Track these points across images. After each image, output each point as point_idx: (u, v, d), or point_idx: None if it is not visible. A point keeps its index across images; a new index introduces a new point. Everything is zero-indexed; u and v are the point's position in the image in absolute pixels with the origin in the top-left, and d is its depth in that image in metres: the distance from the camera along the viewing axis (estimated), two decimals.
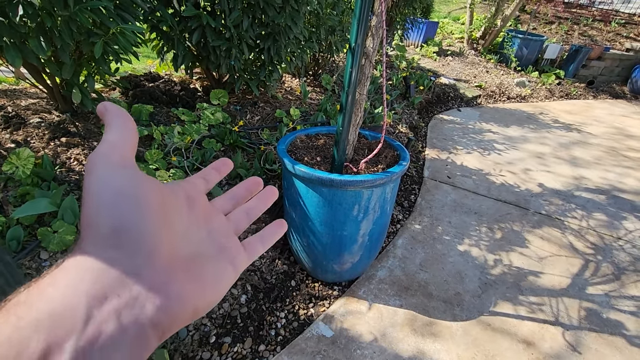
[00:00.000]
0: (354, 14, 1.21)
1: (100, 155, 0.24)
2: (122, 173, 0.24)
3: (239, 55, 2.23)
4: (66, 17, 1.40)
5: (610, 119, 5.20)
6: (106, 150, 0.24)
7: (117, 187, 0.23)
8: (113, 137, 0.25)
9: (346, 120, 1.41)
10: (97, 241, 0.21)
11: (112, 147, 0.25)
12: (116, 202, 0.22)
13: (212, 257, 0.27)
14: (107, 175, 0.23)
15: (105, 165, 0.23)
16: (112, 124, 0.26)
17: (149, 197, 0.24)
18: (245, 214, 0.34)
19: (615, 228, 2.59)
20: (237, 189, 0.36)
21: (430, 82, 4.56)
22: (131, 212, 0.22)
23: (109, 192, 0.22)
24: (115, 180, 0.23)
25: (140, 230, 0.22)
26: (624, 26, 7.88)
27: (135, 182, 0.24)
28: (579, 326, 1.76)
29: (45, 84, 1.86)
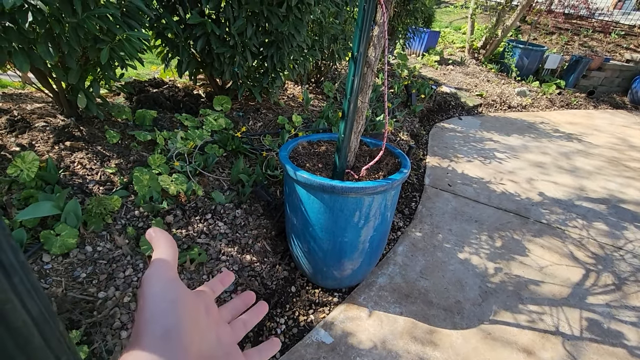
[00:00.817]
0: (356, 24, 1.23)
1: (156, 272, 0.31)
2: (174, 286, 0.31)
3: (243, 63, 2.26)
4: (74, 23, 1.43)
5: (611, 129, 5.22)
6: (161, 268, 0.32)
7: (172, 298, 0.29)
8: (163, 256, 0.33)
9: (348, 128, 1.42)
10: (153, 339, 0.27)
11: (165, 264, 0.32)
12: (171, 309, 0.29)
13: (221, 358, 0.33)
14: (164, 288, 0.30)
15: (162, 280, 0.31)
16: (160, 245, 0.34)
17: (188, 305, 0.30)
18: (243, 325, 0.41)
19: (616, 238, 2.59)
20: (235, 302, 0.44)
21: (432, 91, 4.60)
22: (179, 317, 0.29)
23: (166, 301, 0.29)
24: (170, 292, 0.30)
25: (183, 329, 0.28)
26: (624, 37, 7.94)
27: (182, 294, 0.31)
28: (580, 336, 1.76)
29: (51, 88, 1.89)
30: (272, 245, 1.92)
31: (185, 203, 1.81)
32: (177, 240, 1.65)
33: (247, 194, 1.94)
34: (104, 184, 1.71)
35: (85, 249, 1.45)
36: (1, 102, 2.07)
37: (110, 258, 1.46)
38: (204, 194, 1.89)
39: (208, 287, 0.40)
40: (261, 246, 1.84)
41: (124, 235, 1.56)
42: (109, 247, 1.49)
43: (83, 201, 1.58)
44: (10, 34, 1.33)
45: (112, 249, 1.50)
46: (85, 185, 1.66)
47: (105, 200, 1.55)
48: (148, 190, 1.70)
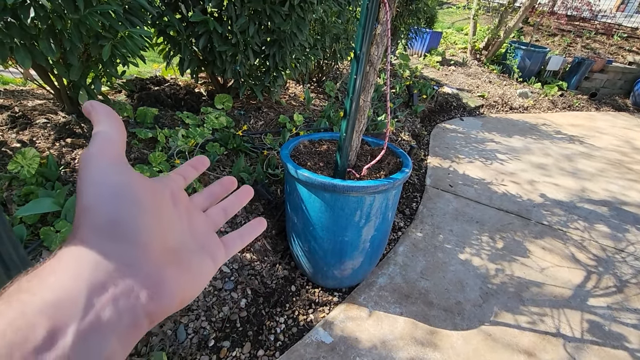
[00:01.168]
0: (359, 23, 1.23)
1: (96, 151, 0.25)
2: (118, 169, 0.25)
3: (245, 61, 2.25)
4: (76, 20, 1.43)
5: (613, 131, 5.20)
6: (100, 147, 0.26)
7: (115, 183, 0.24)
8: (105, 135, 0.27)
9: (350, 127, 1.42)
10: (94, 231, 0.22)
11: (105, 144, 0.26)
12: (114, 196, 0.23)
13: (195, 252, 0.29)
14: (104, 171, 0.24)
15: (102, 161, 0.25)
16: (101, 122, 0.27)
17: (142, 192, 0.25)
18: (222, 211, 0.36)
19: (618, 240, 2.58)
20: (213, 187, 0.37)
21: (433, 91, 4.59)
22: (127, 207, 0.24)
23: (108, 186, 0.24)
24: (112, 176, 0.24)
25: (135, 223, 0.24)
26: (626, 40, 7.93)
27: (130, 178, 0.25)
28: (581, 338, 1.75)
29: (52, 85, 1.88)
30: (272, 244, 1.91)
31: None
32: None
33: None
34: None
35: None
36: (2, 99, 2.07)
37: None
38: None
39: (177, 173, 0.34)
40: (261, 245, 1.84)
41: None
42: None
43: None
44: (12, 29, 1.33)
45: None
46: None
47: None
48: None
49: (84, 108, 0.28)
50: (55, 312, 0.18)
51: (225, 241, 0.33)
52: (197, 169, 0.36)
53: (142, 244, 0.23)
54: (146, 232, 0.24)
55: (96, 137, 0.26)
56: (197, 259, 0.28)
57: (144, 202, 0.25)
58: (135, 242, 0.23)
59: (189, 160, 0.36)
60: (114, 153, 0.26)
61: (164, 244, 0.26)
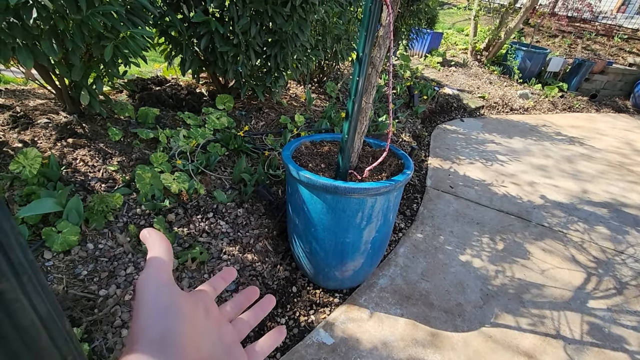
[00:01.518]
0: (361, 24, 1.23)
1: (150, 276, 0.31)
2: (168, 290, 0.30)
3: (246, 62, 2.25)
4: (78, 20, 1.43)
5: (614, 133, 5.21)
6: (155, 271, 0.31)
7: (166, 303, 0.29)
8: (158, 259, 0.32)
9: (352, 128, 1.42)
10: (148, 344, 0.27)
11: (159, 268, 0.32)
12: (165, 314, 0.28)
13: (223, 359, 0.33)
14: (158, 292, 0.30)
15: (156, 284, 0.30)
16: (154, 247, 0.33)
17: (185, 308, 0.30)
18: (247, 322, 0.40)
19: (618, 242, 2.58)
20: (238, 298, 0.42)
21: (434, 92, 4.59)
22: (175, 321, 0.28)
23: (161, 306, 0.29)
24: (164, 297, 0.30)
25: (179, 334, 0.28)
26: (626, 41, 7.93)
27: (177, 297, 0.30)
28: (581, 340, 1.75)
29: (54, 85, 1.88)
30: (274, 245, 1.91)
31: (187, 202, 1.81)
32: (178, 239, 1.64)
33: (249, 194, 1.93)
34: (106, 181, 1.71)
35: (87, 246, 1.45)
36: (4, 98, 2.07)
37: (111, 256, 1.46)
38: (205, 192, 1.89)
39: (209, 285, 0.39)
40: (262, 246, 1.84)
41: (126, 233, 1.56)
42: (111, 245, 1.49)
43: (85, 198, 1.58)
44: (14, 30, 1.32)
45: (114, 246, 1.49)
46: (87, 182, 1.66)
47: (107, 198, 1.54)
48: (150, 189, 1.70)
49: (141, 234, 0.34)
50: None
51: (249, 351, 0.37)
52: (226, 280, 0.41)
53: (183, 352, 0.27)
54: (185, 341, 0.28)
55: (150, 260, 0.32)
56: None
57: (185, 315, 0.30)
58: (178, 350, 0.27)
59: (219, 273, 0.42)
60: (165, 276, 0.31)
61: (199, 351, 0.30)
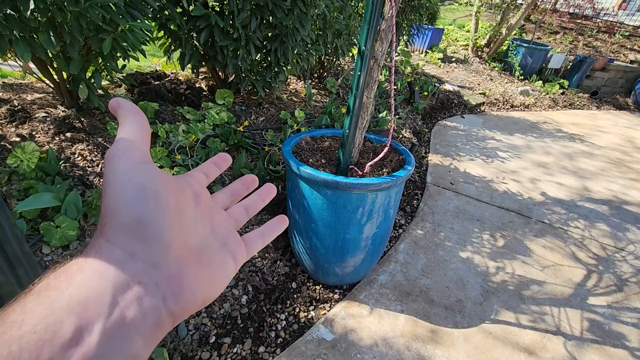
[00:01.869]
0: (364, 18, 1.21)
1: (121, 150, 0.25)
2: (143, 168, 0.25)
3: (246, 56, 2.23)
4: (76, 12, 1.41)
5: (614, 130, 5.20)
6: (126, 146, 0.26)
7: (140, 182, 0.24)
8: (130, 133, 0.27)
9: (353, 123, 1.40)
10: (119, 230, 0.22)
11: (131, 142, 0.26)
12: (139, 196, 0.24)
13: (217, 251, 0.29)
14: (129, 170, 0.24)
15: (127, 160, 0.25)
16: (126, 120, 0.27)
17: (166, 192, 0.25)
18: (244, 210, 0.36)
19: (618, 239, 2.58)
20: (234, 185, 0.37)
21: (435, 88, 4.57)
22: (152, 207, 0.24)
23: (133, 186, 0.24)
24: (137, 176, 0.24)
25: (158, 223, 0.24)
26: (628, 38, 7.90)
27: (155, 177, 0.25)
28: (581, 337, 1.75)
29: (52, 78, 1.86)
30: (273, 241, 1.90)
31: None
32: None
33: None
34: None
35: (86, 241, 1.44)
36: (1, 92, 2.05)
37: None
38: None
39: (199, 170, 0.34)
40: None
41: None
42: None
43: (83, 193, 1.57)
44: (11, 22, 1.31)
45: None
46: (86, 177, 1.64)
47: None
48: None
49: (110, 105, 0.28)
50: (82, 310, 0.19)
51: (247, 240, 0.33)
52: (220, 166, 0.36)
53: (165, 244, 0.23)
54: (169, 232, 0.24)
55: (121, 135, 0.27)
56: (218, 258, 0.28)
57: (167, 201, 0.25)
58: (159, 241, 0.23)
59: (211, 158, 0.36)
60: (139, 151, 0.26)
61: (186, 243, 0.26)
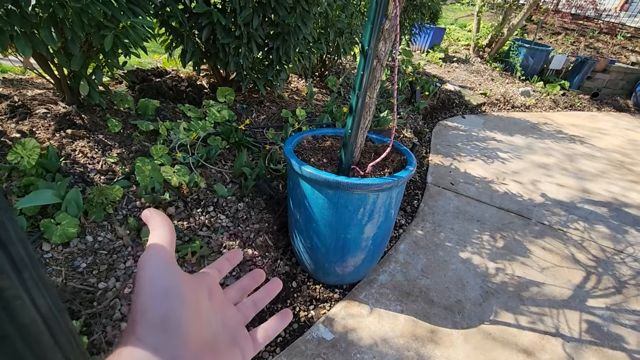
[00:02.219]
0: (367, 17, 1.20)
1: (152, 256, 0.30)
2: (170, 271, 0.29)
3: (248, 54, 2.22)
4: (78, 8, 1.40)
5: (615, 132, 5.20)
6: (157, 252, 0.30)
7: (166, 284, 0.28)
8: (160, 239, 0.31)
9: (355, 123, 1.40)
10: (148, 327, 0.26)
11: (161, 249, 0.31)
12: (166, 296, 0.27)
13: (227, 344, 0.32)
14: (159, 273, 0.29)
15: (157, 264, 0.29)
16: (156, 227, 0.32)
17: (187, 291, 0.29)
18: (253, 305, 0.39)
19: (617, 241, 2.59)
20: (244, 281, 0.41)
21: (436, 88, 4.56)
22: (176, 305, 0.28)
23: (161, 287, 0.28)
24: (165, 278, 0.29)
25: (180, 318, 0.27)
26: (629, 40, 7.89)
27: (178, 278, 0.29)
28: (580, 339, 1.75)
29: (52, 74, 1.85)
30: (274, 240, 1.90)
31: (187, 195, 1.80)
32: (178, 232, 1.63)
33: (249, 188, 1.92)
34: (105, 173, 1.69)
35: (86, 238, 1.43)
36: (2, 88, 2.03)
37: (111, 248, 1.44)
38: (206, 186, 1.87)
39: (213, 268, 0.38)
40: (263, 240, 1.83)
41: (125, 225, 1.54)
42: (110, 238, 1.48)
43: (84, 190, 1.56)
44: (13, 17, 1.30)
45: (113, 239, 1.48)
46: (87, 174, 1.64)
47: (106, 190, 1.52)
48: (150, 181, 1.68)
49: (143, 215, 0.33)
50: None
51: (253, 335, 0.36)
52: (232, 262, 0.40)
53: (185, 337, 0.27)
54: (188, 326, 0.27)
55: (152, 241, 0.31)
56: (228, 351, 0.31)
57: (188, 299, 0.29)
58: (180, 335, 0.26)
59: (224, 254, 0.40)
60: (166, 256, 0.30)
61: (202, 336, 0.29)
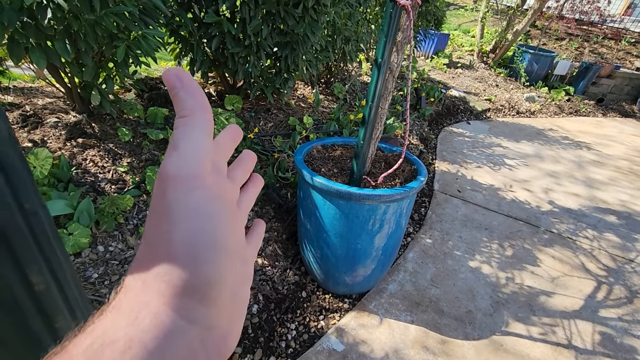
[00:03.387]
0: (381, 30, 1.21)
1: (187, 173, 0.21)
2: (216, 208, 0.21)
3: (257, 63, 2.23)
4: (92, 21, 1.41)
5: (621, 138, 5.17)
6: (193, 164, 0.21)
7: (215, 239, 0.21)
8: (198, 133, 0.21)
9: (367, 134, 1.40)
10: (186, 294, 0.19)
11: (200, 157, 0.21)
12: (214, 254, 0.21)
13: (241, 284, 0.25)
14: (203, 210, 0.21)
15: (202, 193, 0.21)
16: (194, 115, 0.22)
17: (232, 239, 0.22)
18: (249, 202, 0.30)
19: (628, 250, 2.56)
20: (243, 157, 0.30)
21: (441, 94, 4.56)
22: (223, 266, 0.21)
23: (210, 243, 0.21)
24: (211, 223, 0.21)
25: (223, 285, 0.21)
26: (634, 45, 7.88)
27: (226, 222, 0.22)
28: (593, 350, 1.73)
29: (64, 84, 1.87)
30: (283, 249, 1.90)
31: None
32: None
33: (258, 197, 1.92)
34: (116, 182, 1.69)
35: (97, 248, 1.43)
36: (13, 96, 2.05)
37: (122, 259, 1.44)
38: None
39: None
40: (272, 250, 1.83)
41: (136, 235, 1.55)
42: (121, 248, 1.48)
43: (95, 200, 1.56)
44: (28, 29, 1.31)
45: (124, 249, 1.48)
46: (97, 183, 1.64)
47: (117, 200, 1.53)
48: None
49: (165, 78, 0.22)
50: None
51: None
52: (235, 140, 0.28)
53: (223, 304, 0.21)
54: (228, 291, 0.22)
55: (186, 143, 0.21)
56: (242, 295, 0.25)
57: (230, 249, 0.22)
58: (218, 303, 0.21)
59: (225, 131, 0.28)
60: (207, 170, 0.21)
61: (233, 292, 0.23)
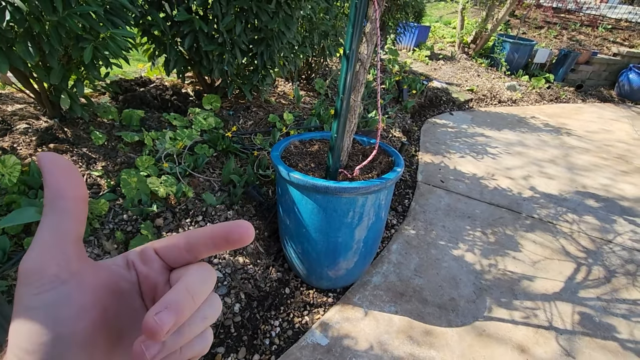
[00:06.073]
0: (348, 20, 1.20)
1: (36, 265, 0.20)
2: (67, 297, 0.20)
3: (232, 60, 2.21)
4: (55, 22, 1.37)
5: (600, 123, 5.28)
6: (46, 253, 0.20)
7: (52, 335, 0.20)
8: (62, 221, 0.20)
9: (341, 127, 1.40)
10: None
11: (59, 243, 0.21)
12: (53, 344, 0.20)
13: None
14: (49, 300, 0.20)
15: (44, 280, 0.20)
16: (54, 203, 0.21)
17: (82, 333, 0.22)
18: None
19: (606, 231, 2.62)
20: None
21: (423, 86, 4.59)
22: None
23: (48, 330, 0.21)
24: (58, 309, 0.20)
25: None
26: (610, 31, 8.03)
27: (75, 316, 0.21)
28: (573, 330, 1.77)
29: (32, 89, 1.82)
30: (265, 247, 1.89)
31: (175, 205, 1.77)
32: None
33: (238, 195, 1.91)
34: (90, 187, 1.66)
35: None
36: None
37: None
38: (194, 195, 1.85)
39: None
40: (254, 247, 1.82)
41: (113, 240, 1.52)
42: (97, 253, 1.45)
43: None
44: None
45: (101, 254, 1.45)
46: None
47: (92, 205, 1.50)
48: (136, 193, 1.66)
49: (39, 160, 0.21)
50: None
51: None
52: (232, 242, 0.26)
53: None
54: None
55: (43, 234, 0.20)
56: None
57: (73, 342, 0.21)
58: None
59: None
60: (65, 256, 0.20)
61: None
